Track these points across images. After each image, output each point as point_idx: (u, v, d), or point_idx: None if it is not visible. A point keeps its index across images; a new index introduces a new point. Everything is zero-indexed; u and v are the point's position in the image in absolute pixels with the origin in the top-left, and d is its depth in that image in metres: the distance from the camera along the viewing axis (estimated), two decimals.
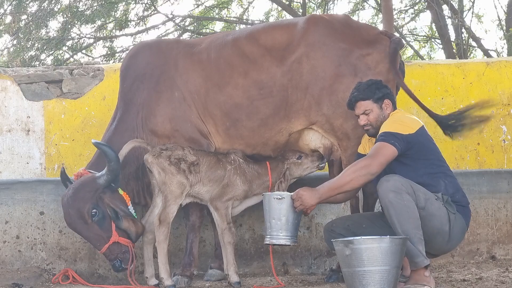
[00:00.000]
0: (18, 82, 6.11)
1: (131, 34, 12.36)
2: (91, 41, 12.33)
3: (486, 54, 12.60)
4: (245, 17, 13.06)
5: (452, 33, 12.26)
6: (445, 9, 12.17)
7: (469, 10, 12.65)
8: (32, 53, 11.63)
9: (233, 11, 13.61)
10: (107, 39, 12.45)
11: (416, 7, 13.37)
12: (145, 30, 12.24)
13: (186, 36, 12.37)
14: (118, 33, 12.45)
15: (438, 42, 13.27)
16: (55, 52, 11.90)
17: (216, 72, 4.63)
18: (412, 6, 13.38)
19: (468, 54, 12.31)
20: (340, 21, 4.71)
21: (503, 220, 5.28)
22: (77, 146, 6.10)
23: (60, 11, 11.62)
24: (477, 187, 5.27)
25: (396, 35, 5.04)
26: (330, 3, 12.75)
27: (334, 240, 3.76)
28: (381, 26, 9.68)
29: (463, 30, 12.26)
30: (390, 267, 3.56)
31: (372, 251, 3.54)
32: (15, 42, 11.68)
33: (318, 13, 12.61)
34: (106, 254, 4.37)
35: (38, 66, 10.68)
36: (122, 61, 5.03)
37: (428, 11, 12.45)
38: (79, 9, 11.47)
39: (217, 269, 4.71)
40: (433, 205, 3.83)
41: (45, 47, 11.61)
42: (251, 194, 4.55)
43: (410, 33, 14.12)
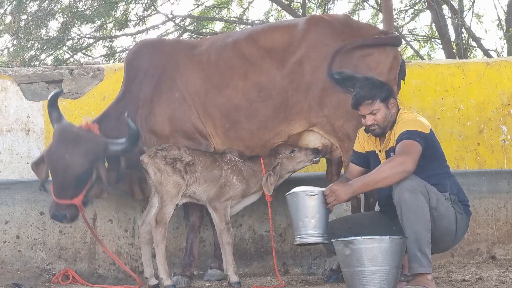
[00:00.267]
0: (18, 82, 6.11)
1: (131, 34, 12.36)
2: (91, 41, 12.33)
3: (486, 54, 12.60)
4: (245, 17, 13.06)
5: (452, 33, 12.26)
6: (445, 9, 12.17)
7: (469, 10, 12.65)
8: (32, 53, 11.64)
9: (233, 11, 13.61)
10: (107, 39, 12.46)
11: (416, 7, 13.37)
12: (145, 30, 12.24)
13: (186, 36, 12.37)
14: (118, 33, 12.45)
15: (438, 42, 13.27)
16: (55, 52, 11.90)
17: (216, 73, 4.63)
18: (412, 6, 13.38)
19: (468, 54, 12.30)
20: (340, 21, 4.70)
21: (503, 220, 5.28)
22: None
23: (60, 11, 11.62)
24: (477, 187, 5.27)
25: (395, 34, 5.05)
26: (330, 3, 12.75)
27: (334, 240, 3.76)
28: (381, 26, 9.66)
29: (463, 30, 12.26)
30: (390, 267, 3.56)
31: (372, 251, 3.54)
32: (15, 42, 11.68)
33: (318, 13, 12.61)
34: (59, 205, 4.32)
35: (38, 66, 10.69)
36: (126, 54, 5.04)
37: (428, 11, 12.45)
38: (79, 9, 11.47)
39: (217, 269, 4.71)
40: (443, 205, 3.85)
41: (45, 47, 11.61)
42: (249, 193, 4.54)
43: (410, 33, 14.12)
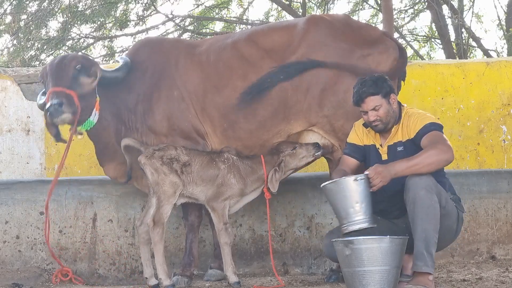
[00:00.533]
0: (18, 82, 6.12)
1: (131, 34, 12.37)
2: (91, 41, 12.33)
3: (486, 54, 12.60)
4: (245, 17, 13.06)
5: (452, 33, 12.26)
6: (445, 9, 12.17)
7: (469, 10, 12.66)
8: (32, 53, 11.65)
9: (233, 11, 13.62)
10: (107, 39, 12.46)
11: (416, 7, 13.37)
12: (145, 30, 12.24)
13: (186, 36, 12.37)
14: (118, 33, 12.46)
15: (438, 42, 13.27)
16: (55, 52, 11.90)
17: (215, 74, 4.62)
18: (412, 6, 13.38)
19: (468, 54, 12.31)
20: (340, 21, 4.70)
21: (503, 220, 5.28)
22: (77, 146, 6.10)
23: (60, 11, 11.62)
24: (477, 187, 5.26)
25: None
26: (330, 3, 12.76)
27: (334, 240, 3.76)
28: (381, 26, 9.67)
29: (463, 30, 12.26)
30: (390, 267, 3.57)
31: (372, 251, 3.55)
32: (15, 42, 11.69)
33: (318, 13, 12.61)
34: (55, 93, 4.33)
35: (38, 66, 10.70)
36: (127, 51, 5.05)
37: (428, 11, 12.45)
38: (79, 9, 11.47)
39: (217, 269, 4.71)
40: (449, 205, 3.88)
41: (45, 47, 11.61)
42: (249, 191, 4.52)
43: (410, 33, 14.12)
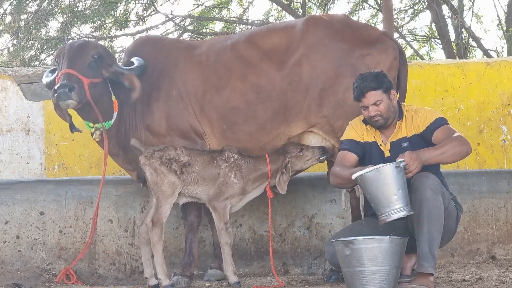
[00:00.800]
0: (18, 82, 6.12)
1: (131, 34, 12.36)
2: None
3: (486, 54, 12.60)
4: (245, 17, 13.05)
5: (452, 33, 12.26)
6: (445, 9, 12.17)
7: (469, 10, 12.65)
8: (32, 53, 11.64)
9: (233, 11, 13.61)
10: (107, 39, 12.45)
11: (416, 7, 13.37)
12: (145, 30, 12.22)
13: (186, 36, 12.37)
14: (118, 33, 12.45)
15: (438, 42, 13.27)
16: (55, 52, 11.89)
17: (214, 75, 4.62)
18: (412, 6, 13.37)
19: (468, 54, 12.31)
20: (339, 21, 4.70)
21: (503, 220, 5.28)
22: (77, 146, 6.11)
23: (60, 11, 11.62)
24: (477, 187, 5.26)
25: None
26: (330, 3, 12.75)
27: (334, 240, 3.76)
28: (381, 26, 9.67)
29: (463, 30, 12.26)
30: (390, 267, 3.57)
31: (372, 251, 3.55)
32: (15, 42, 11.68)
33: (318, 13, 12.62)
34: (67, 75, 4.32)
35: (38, 66, 10.70)
36: (127, 47, 5.06)
37: (428, 11, 12.45)
38: (79, 9, 11.47)
39: (217, 269, 4.71)
40: (451, 205, 3.91)
41: (45, 47, 11.61)
42: (250, 189, 4.52)
43: (410, 33, 14.12)
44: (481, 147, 6.27)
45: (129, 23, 12.25)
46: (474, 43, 12.83)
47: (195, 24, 12.87)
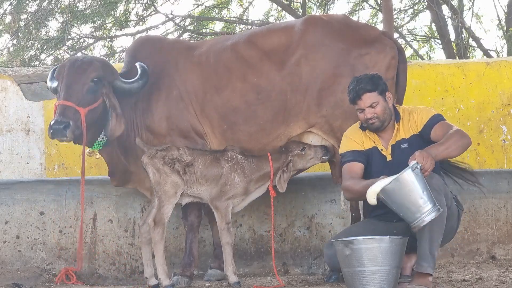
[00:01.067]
0: (18, 82, 6.12)
1: (131, 34, 12.35)
2: (91, 41, 12.32)
3: (486, 54, 12.59)
4: (245, 17, 13.05)
5: (452, 33, 12.26)
6: (445, 9, 12.17)
7: (469, 10, 12.64)
8: (32, 53, 11.63)
9: (233, 11, 13.60)
10: (107, 39, 12.45)
11: (416, 7, 13.36)
12: (145, 30, 12.22)
13: (186, 36, 12.37)
14: (118, 33, 12.45)
15: (438, 42, 13.27)
16: (55, 52, 11.89)
17: (214, 75, 4.63)
18: (412, 6, 13.37)
19: (468, 54, 12.30)
20: (339, 21, 4.71)
21: (503, 220, 5.28)
22: (77, 146, 6.06)
23: (60, 11, 11.62)
24: (477, 187, 5.26)
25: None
26: (330, 3, 12.75)
27: (334, 240, 3.76)
28: (381, 26, 9.67)
29: (463, 30, 12.26)
30: (390, 267, 3.57)
31: (372, 251, 3.55)
32: (15, 42, 11.68)
33: (318, 13, 12.62)
34: (64, 107, 4.27)
35: (38, 66, 10.69)
36: (127, 47, 5.04)
37: (428, 11, 12.45)
38: (79, 8, 11.46)
39: (217, 269, 4.71)
40: (453, 204, 3.92)
41: (45, 47, 11.60)
42: (253, 189, 4.52)
43: (409, 33, 14.11)
44: (481, 147, 6.27)
45: (129, 23, 12.25)
46: (474, 43, 12.83)
47: (195, 24, 12.87)
